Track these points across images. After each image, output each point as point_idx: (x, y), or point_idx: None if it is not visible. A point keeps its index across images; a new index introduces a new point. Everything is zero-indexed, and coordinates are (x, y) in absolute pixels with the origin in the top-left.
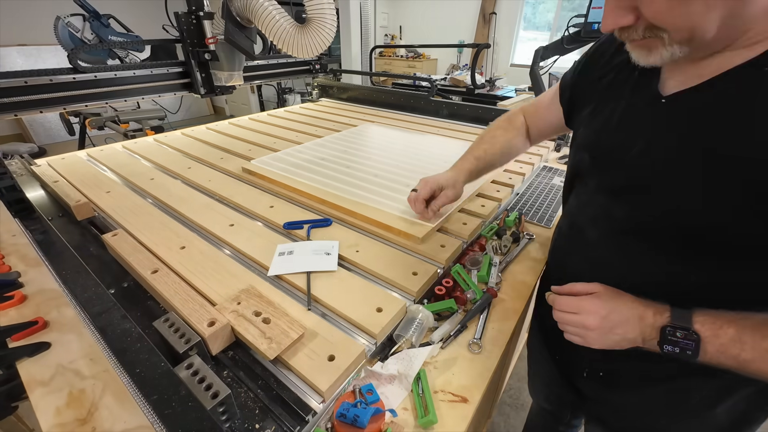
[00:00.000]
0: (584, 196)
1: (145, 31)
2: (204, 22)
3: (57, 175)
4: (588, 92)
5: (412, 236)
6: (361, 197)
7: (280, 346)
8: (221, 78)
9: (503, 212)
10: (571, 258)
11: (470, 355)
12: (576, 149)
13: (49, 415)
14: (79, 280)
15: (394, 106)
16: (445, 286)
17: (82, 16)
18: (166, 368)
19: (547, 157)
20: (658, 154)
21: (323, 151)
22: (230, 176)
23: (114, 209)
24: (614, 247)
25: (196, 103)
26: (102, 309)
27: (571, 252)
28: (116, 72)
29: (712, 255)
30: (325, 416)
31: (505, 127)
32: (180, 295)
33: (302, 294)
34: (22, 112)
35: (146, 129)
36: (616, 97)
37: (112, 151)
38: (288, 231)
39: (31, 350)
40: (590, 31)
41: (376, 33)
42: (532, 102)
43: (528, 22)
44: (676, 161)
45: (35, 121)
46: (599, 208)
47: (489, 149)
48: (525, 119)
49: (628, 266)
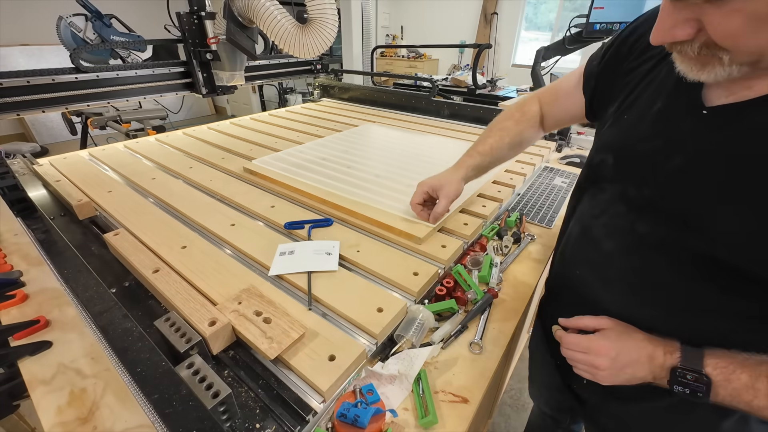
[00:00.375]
0: (602, 203)
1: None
2: (206, 22)
3: (59, 174)
4: (617, 84)
5: (413, 236)
6: (362, 197)
7: (281, 345)
8: (223, 78)
9: (504, 213)
10: (581, 269)
11: (471, 356)
12: (597, 148)
13: (50, 414)
14: (81, 279)
15: (396, 106)
16: (445, 287)
17: (85, 16)
18: (167, 367)
19: (548, 158)
20: (700, 174)
21: (324, 151)
22: (231, 176)
23: (115, 209)
24: (633, 266)
25: (198, 103)
26: (103, 308)
27: (580, 262)
28: (118, 72)
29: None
30: (326, 416)
31: (517, 118)
32: (181, 295)
33: (303, 294)
34: (24, 112)
35: (148, 129)
36: (650, 96)
37: (114, 150)
38: (289, 231)
39: (33, 349)
40: (592, 31)
41: (377, 33)
42: (550, 87)
43: (529, 22)
44: (725, 185)
45: (37, 120)
46: (619, 218)
47: (496, 143)
48: (540, 107)
49: (645, 289)
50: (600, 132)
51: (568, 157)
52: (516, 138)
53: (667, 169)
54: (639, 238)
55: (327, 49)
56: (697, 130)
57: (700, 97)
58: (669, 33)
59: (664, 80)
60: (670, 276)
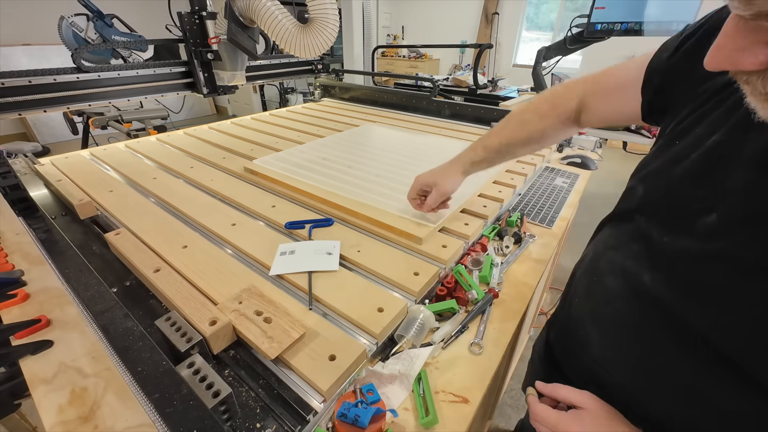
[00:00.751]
0: (618, 236)
1: (148, 30)
2: (207, 22)
3: (60, 174)
4: (687, 92)
5: (414, 236)
6: (363, 197)
7: (282, 345)
8: (224, 78)
9: (505, 213)
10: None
11: (471, 356)
12: (634, 175)
13: (51, 413)
14: (82, 278)
15: (396, 106)
16: (446, 287)
17: (86, 15)
18: (168, 367)
19: (549, 158)
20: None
21: (325, 151)
22: (232, 176)
23: (117, 208)
24: (637, 318)
25: (199, 102)
26: (104, 307)
27: (580, 293)
28: (119, 71)
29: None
30: (326, 416)
31: (543, 111)
32: (182, 294)
33: (303, 294)
34: (26, 111)
35: (149, 128)
36: (710, 123)
37: (115, 150)
38: (290, 231)
39: (34, 348)
40: (593, 31)
41: (378, 33)
42: (599, 75)
43: (530, 22)
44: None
45: (39, 120)
46: (633, 261)
47: (508, 139)
48: (582, 99)
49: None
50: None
51: (569, 158)
52: (536, 135)
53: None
54: (647, 292)
55: (328, 48)
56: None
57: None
58: (732, 58)
59: (735, 105)
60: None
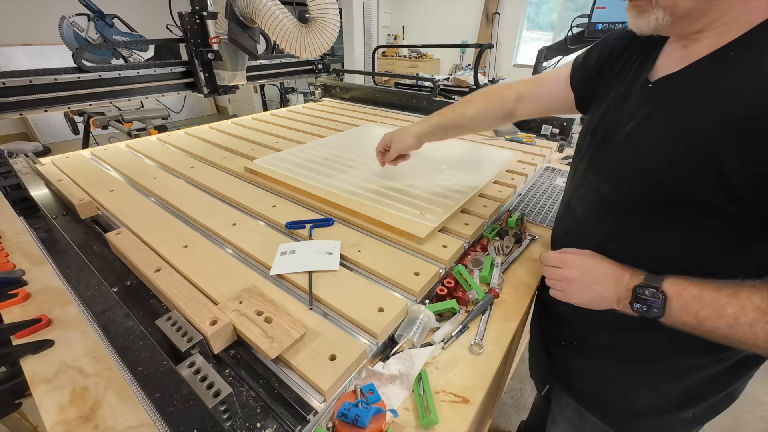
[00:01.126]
0: (578, 176)
1: (148, 30)
2: (207, 22)
3: (61, 173)
4: (601, 80)
5: (414, 236)
6: (363, 197)
7: (282, 345)
8: (224, 77)
9: (505, 213)
10: (565, 239)
11: (472, 356)
12: (581, 133)
13: (52, 412)
14: (83, 278)
15: (397, 106)
16: (446, 287)
17: (87, 15)
18: (168, 366)
19: (549, 158)
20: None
21: (326, 151)
22: (233, 176)
23: (117, 208)
24: (603, 229)
25: (200, 102)
26: (105, 307)
27: (564, 232)
28: (120, 71)
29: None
30: (326, 416)
31: (485, 94)
32: (182, 294)
33: (304, 293)
34: (26, 111)
35: (150, 128)
36: (619, 83)
37: (116, 150)
38: (290, 230)
39: (35, 348)
40: (594, 31)
41: (378, 33)
42: (529, 80)
43: (531, 22)
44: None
45: (40, 120)
46: (589, 186)
47: (459, 110)
48: (519, 91)
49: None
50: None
51: (570, 158)
52: (480, 113)
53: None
54: (602, 199)
55: (328, 48)
56: (643, 100)
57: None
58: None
59: (630, 68)
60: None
